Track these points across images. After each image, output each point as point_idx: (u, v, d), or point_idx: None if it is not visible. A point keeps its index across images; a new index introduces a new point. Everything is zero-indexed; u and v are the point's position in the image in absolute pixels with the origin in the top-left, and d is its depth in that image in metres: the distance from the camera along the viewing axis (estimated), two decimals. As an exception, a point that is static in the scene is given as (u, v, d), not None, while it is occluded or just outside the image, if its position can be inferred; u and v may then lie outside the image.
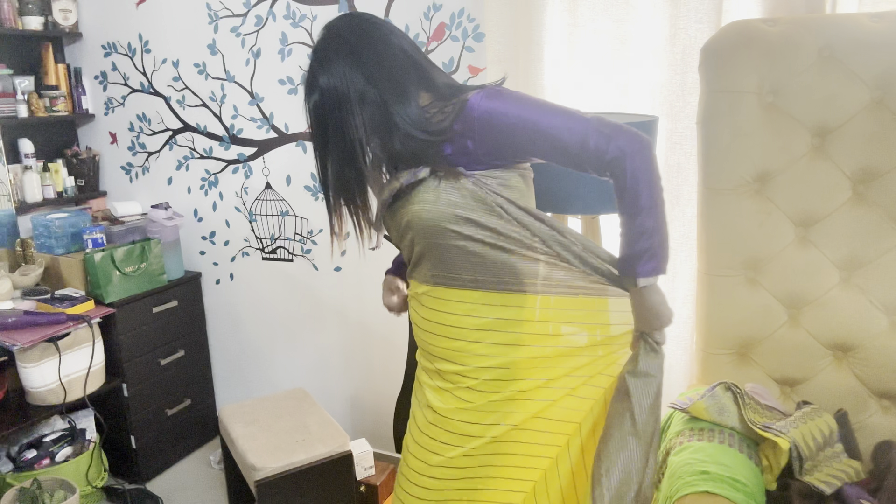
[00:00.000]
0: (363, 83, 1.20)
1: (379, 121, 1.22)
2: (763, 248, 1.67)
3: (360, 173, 1.24)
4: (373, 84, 1.20)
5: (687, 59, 1.78)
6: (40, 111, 2.70)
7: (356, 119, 1.21)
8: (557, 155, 1.20)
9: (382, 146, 1.25)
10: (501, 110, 1.18)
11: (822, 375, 1.65)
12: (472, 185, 1.21)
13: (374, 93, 1.20)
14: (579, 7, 1.91)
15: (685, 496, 1.31)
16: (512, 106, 1.19)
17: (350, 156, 1.22)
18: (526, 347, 1.28)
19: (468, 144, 1.20)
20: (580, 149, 1.17)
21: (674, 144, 1.86)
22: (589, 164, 1.19)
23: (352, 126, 1.21)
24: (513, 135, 1.19)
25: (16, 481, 2.08)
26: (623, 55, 1.90)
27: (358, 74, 1.20)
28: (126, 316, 2.46)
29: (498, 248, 1.23)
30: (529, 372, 1.28)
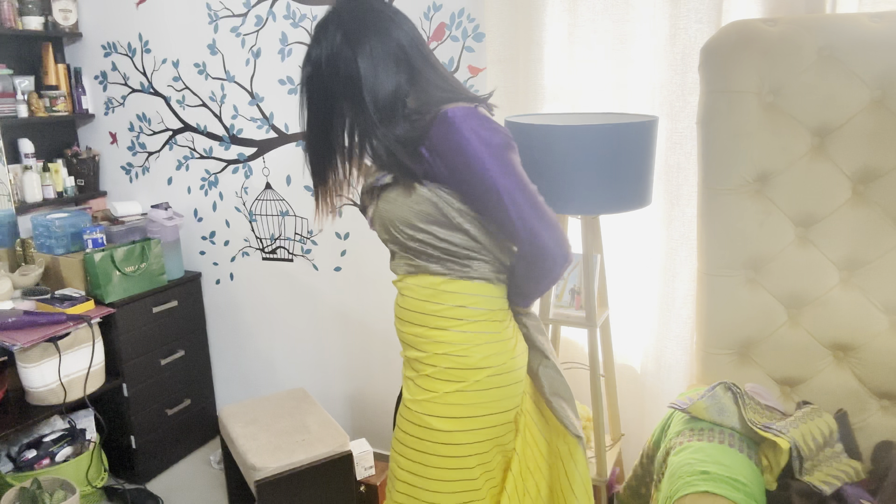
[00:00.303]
0: (350, 70, 1.22)
1: (358, 113, 1.25)
2: (763, 248, 1.67)
3: (331, 152, 1.30)
4: (358, 75, 1.22)
5: (687, 59, 1.78)
6: (40, 111, 2.70)
7: (338, 103, 1.26)
8: (490, 219, 1.25)
9: (360, 137, 1.28)
10: (464, 135, 1.18)
11: (822, 375, 1.65)
12: (428, 192, 1.24)
13: (357, 85, 1.22)
14: (579, 7, 1.91)
15: (685, 496, 1.32)
16: (476, 138, 1.18)
17: (325, 133, 1.28)
18: (484, 335, 1.30)
19: (431, 157, 1.22)
20: (512, 228, 1.21)
21: (674, 144, 1.86)
22: (510, 239, 1.26)
23: (332, 107, 1.26)
24: (464, 169, 1.20)
25: (16, 481, 2.08)
26: (623, 55, 1.90)
27: (348, 59, 1.22)
28: (126, 316, 2.46)
29: (452, 252, 1.28)
30: (487, 360, 1.29)
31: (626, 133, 1.56)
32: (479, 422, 1.30)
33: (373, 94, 1.23)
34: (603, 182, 1.57)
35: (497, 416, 1.32)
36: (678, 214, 1.89)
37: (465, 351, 1.29)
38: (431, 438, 1.31)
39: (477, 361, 1.29)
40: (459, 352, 1.29)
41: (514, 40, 2.01)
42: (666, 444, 1.56)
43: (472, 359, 1.29)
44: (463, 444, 1.30)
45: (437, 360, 1.31)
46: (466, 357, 1.29)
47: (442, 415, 1.30)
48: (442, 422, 1.29)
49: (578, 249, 1.92)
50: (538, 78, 2.00)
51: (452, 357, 1.29)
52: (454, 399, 1.29)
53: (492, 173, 1.18)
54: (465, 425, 1.30)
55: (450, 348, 1.29)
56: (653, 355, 2.02)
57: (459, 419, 1.30)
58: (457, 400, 1.29)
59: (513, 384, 1.33)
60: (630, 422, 2.11)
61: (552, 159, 1.56)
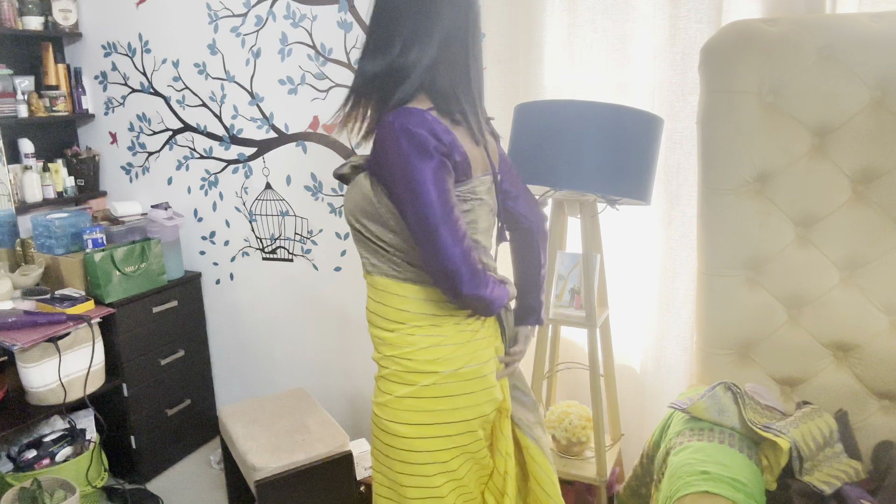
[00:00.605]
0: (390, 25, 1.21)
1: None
2: (763, 248, 1.67)
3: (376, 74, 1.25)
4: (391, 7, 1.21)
5: (687, 59, 1.78)
6: (40, 111, 2.70)
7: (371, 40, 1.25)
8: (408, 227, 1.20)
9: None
10: (387, 139, 1.17)
11: (822, 375, 1.65)
12: (369, 185, 1.24)
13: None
14: (579, 7, 1.91)
15: (685, 496, 1.31)
16: (394, 147, 1.16)
17: (376, 52, 1.24)
18: (428, 338, 1.28)
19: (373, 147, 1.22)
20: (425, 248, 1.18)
21: (674, 144, 1.86)
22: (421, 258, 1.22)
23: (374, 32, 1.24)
24: (387, 174, 1.19)
25: (16, 481, 2.08)
26: (623, 55, 1.90)
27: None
28: (126, 316, 2.46)
29: (388, 252, 1.28)
30: (433, 364, 1.28)
31: (633, 117, 1.58)
32: (435, 429, 1.28)
33: (382, 28, 1.22)
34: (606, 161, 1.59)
35: (456, 424, 1.29)
36: (678, 214, 1.89)
37: (409, 354, 1.28)
38: (392, 443, 1.31)
39: (421, 365, 1.27)
40: (404, 355, 1.28)
41: (514, 40, 2.01)
42: (666, 444, 1.55)
43: (416, 362, 1.27)
44: (421, 451, 1.28)
45: (388, 362, 1.31)
46: (410, 360, 1.28)
47: (398, 420, 1.29)
48: (399, 427, 1.29)
49: (578, 249, 1.92)
50: (538, 78, 2.00)
51: (399, 360, 1.29)
52: (408, 404, 1.28)
53: (397, 179, 1.16)
54: (421, 432, 1.28)
55: (396, 351, 1.29)
56: (653, 355, 2.02)
57: (415, 425, 1.28)
58: (410, 406, 1.28)
59: (473, 392, 1.29)
60: (630, 422, 2.11)
61: (560, 132, 1.58)
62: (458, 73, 1.23)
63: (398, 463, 1.31)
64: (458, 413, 1.29)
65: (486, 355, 1.32)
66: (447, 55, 1.21)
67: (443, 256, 1.16)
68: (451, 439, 1.29)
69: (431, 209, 1.14)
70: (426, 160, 1.14)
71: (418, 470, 1.29)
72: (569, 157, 1.59)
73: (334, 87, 2.36)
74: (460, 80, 1.23)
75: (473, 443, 1.32)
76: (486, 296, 1.21)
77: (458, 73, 1.23)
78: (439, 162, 1.16)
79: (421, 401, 1.28)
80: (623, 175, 1.60)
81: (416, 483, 1.30)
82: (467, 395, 1.29)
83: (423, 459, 1.29)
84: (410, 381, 1.28)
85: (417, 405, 1.28)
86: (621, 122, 1.57)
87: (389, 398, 1.30)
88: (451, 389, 1.28)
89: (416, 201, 1.15)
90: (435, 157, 1.15)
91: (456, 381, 1.28)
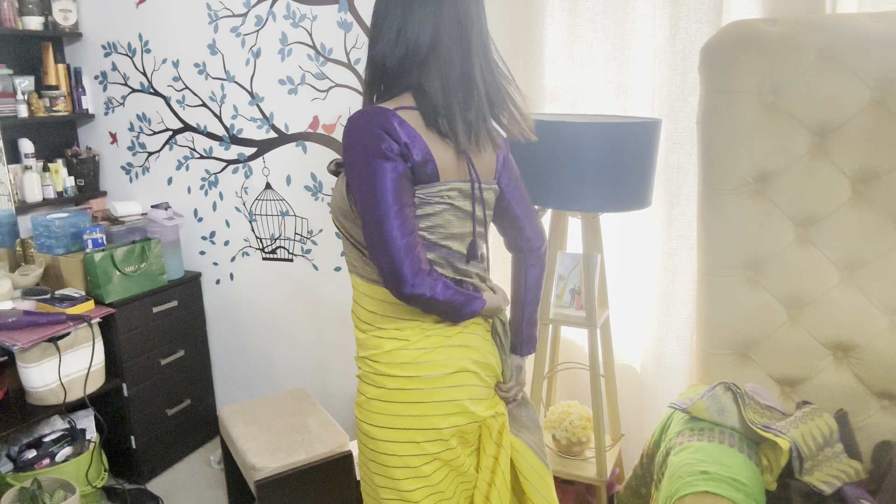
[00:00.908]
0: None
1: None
2: (763, 248, 1.67)
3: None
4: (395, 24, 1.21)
5: (687, 59, 1.78)
6: (40, 111, 2.70)
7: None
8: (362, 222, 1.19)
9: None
10: (347, 134, 1.19)
11: (822, 375, 1.65)
12: (342, 181, 1.26)
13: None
14: (579, 7, 1.91)
15: (685, 496, 1.31)
16: (349, 137, 1.18)
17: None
18: (392, 341, 1.28)
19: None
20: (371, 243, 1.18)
21: (674, 144, 1.86)
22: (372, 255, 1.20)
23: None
24: (347, 168, 1.20)
25: (16, 481, 2.08)
26: (623, 55, 1.90)
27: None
28: (126, 316, 2.46)
29: (360, 250, 1.29)
30: (396, 368, 1.27)
31: (628, 132, 1.56)
32: (403, 434, 1.27)
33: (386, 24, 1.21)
34: (604, 180, 1.58)
35: (425, 431, 1.26)
36: (678, 214, 1.89)
37: (375, 356, 1.28)
38: (366, 444, 1.32)
39: (386, 368, 1.27)
40: (372, 357, 1.29)
41: (514, 40, 2.01)
42: (666, 444, 1.55)
43: (381, 364, 1.28)
44: (391, 454, 1.28)
45: (361, 363, 1.32)
46: (377, 363, 1.28)
47: (370, 421, 1.30)
48: (371, 428, 1.29)
49: (578, 249, 1.92)
50: (538, 78, 2.00)
51: (368, 361, 1.30)
52: (377, 407, 1.28)
53: (353, 172, 1.17)
54: (390, 436, 1.27)
55: (366, 352, 1.30)
56: (653, 355, 2.02)
57: (385, 428, 1.28)
58: (379, 408, 1.28)
59: (441, 402, 1.26)
60: (630, 422, 2.11)
61: (555, 155, 1.57)
62: (453, 77, 1.19)
63: (371, 463, 1.32)
64: (427, 420, 1.26)
65: (458, 364, 1.28)
66: (438, 57, 1.19)
67: (385, 251, 1.15)
68: (419, 446, 1.27)
69: (378, 202, 1.14)
70: (379, 157, 1.15)
71: (389, 472, 1.29)
72: (565, 182, 1.58)
73: (334, 87, 2.36)
74: (455, 85, 1.20)
75: (446, 451, 1.29)
76: (432, 296, 1.18)
77: (453, 76, 1.19)
78: (393, 160, 1.15)
79: (389, 405, 1.27)
80: (622, 192, 1.60)
81: (387, 484, 1.30)
82: (436, 404, 1.26)
83: (394, 463, 1.28)
84: (379, 384, 1.28)
85: (386, 408, 1.27)
86: (617, 139, 1.55)
87: (363, 399, 1.31)
88: (417, 396, 1.26)
89: (366, 194, 1.15)
90: (389, 155, 1.15)
91: (423, 387, 1.26)
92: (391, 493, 1.30)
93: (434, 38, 1.18)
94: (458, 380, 1.28)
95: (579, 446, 1.91)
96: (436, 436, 1.27)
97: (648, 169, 1.65)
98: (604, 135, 1.54)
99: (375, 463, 1.30)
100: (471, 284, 1.31)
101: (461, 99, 1.20)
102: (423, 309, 1.23)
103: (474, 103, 1.22)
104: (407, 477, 1.28)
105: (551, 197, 1.62)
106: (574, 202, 1.60)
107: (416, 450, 1.27)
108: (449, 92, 1.19)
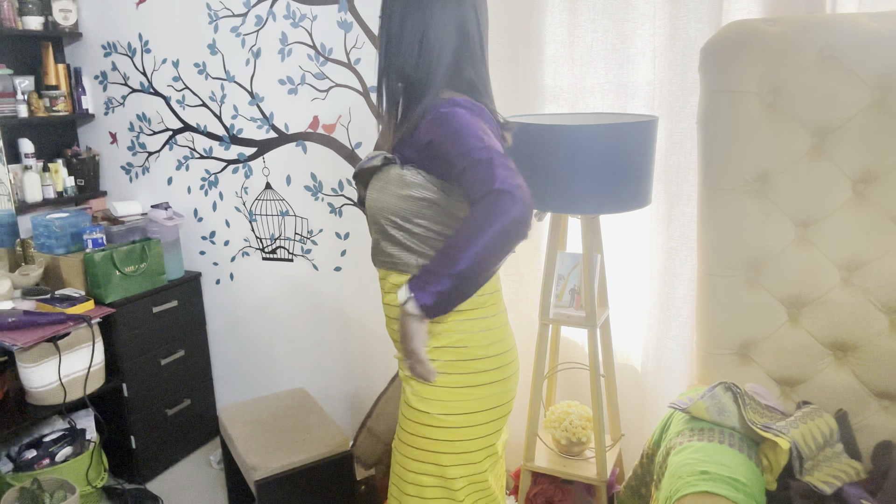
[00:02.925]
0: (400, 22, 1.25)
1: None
2: (763, 248, 1.67)
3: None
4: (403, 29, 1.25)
5: (687, 59, 1.78)
6: (40, 111, 2.70)
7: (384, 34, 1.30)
8: (449, 166, 1.17)
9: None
10: (448, 117, 1.19)
11: (822, 375, 1.65)
12: (410, 177, 1.25)
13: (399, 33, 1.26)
14: (579, 7, 1.91)
15: (685, 496, 1.31)
16: (455, 119, 1.19)
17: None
18: (479, 321, 1.32)
19: (420, 137, 1.23)
20: (465, 170, 1.11)
21: (674, 144, 1.86)
22: (467, 189, 1.12)
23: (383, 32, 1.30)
24: (443, 143, 1.19)
25: (16, 481, 2.08)
26: (623, 55, 1.90)
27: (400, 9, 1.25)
28: (126, 316, 2.46)
29: (423, 239, 1.28)
30: (483, 349, 1.32)
31: (626, 133, 1.56)
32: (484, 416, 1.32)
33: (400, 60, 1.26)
34: (603, 182, 1.57)
35: (502, 407, 1.35)
36: (678, 214, 1.89)
37: (461, 341, 1.30)
38: (438, 436, 1.34)
39: (473, 351, 1.32)
40: (455, 343, 1.31)
41: (514, 40, 2.01)
42: (666, 444, 1.55)
43: (468, 349, 1.31)
44: (472, 439, 1.33)
45: (438, 353, 1.31)
46: (464, 348, 1.31)
47: (449, 411, 1.32)
48: (450, 418, 1.33)
49: (578, 249, 1.92)
50: (538, 78, 2.00)
51: (449, 349, 1.31)
52: (462, 394, 1.32)
53: (455, 138, 1.18)
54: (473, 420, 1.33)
55: (442, 341, 1.31)
56: (653, 355, 2.02)
57: (467, 414, 1.32)
58: (464, 395, 1.32)
59: (510, 376, 1.37)
60: (630, 422, 2.11)
61: (553, 159, 1.56)
62: (482, 73, 1.30)
63: (445, 456, 1.33)
64: (507, 395, 1.37)
65: (512, 339, 1.39)
66: (469, 54, 1.27)
67: (492, 165, 1.08)
68: (497, 423, 1.36)
69: (484, 142, 1.11)
70: (483, 118, 1.20)
71: (468, 458, 1.34)
72: (564, 184, 1.57)
73: (334, 87, 2.36)
74: (481, 74, 1.30)
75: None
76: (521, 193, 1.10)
77: (479, 66, 1.29)
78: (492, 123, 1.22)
79: (475, 389, 1.33)
80: (621, 192, 1.60)
81: (465, 472, 1.34)
82: (509, 379, 1.37)
83: (474, 447, 1.34)
84: (465, 370, 1.32)
85: (473, 393, 1.32)
86: (615, 141, 1.54)
87: (441, 390, 1.32)
88: (499, 374, 1.34)
89: (472, 138, 1.12)
90: (487, 118, 1.21)
91: (504, 363, 1.35)
92: (469, 480, 1.33)
93: (462, 36, 1.25)
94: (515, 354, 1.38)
95: (579, 446, 1.91)
96: (510, 407, 1.37)
97: (647, 167, 1.65)
98: (601, 137, 1.54)
99: (451, 454, 1.30)
100: None
101: (486, 86, 1.31)
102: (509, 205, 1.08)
103: (490, 89, 1.33)
104: (484, 458, 1.34)
105: (551, 200, 1.62)
106: (573, 204, 1.60)
107: (493, 427, 1.33)
108: (479, 81, 1.29)
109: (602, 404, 1.81)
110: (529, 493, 1.97)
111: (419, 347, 1.21)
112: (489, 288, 1.31)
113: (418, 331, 1.19)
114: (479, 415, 1.30)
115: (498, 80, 2.04)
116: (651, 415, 2.04)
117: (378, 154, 1.30)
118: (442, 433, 1.30)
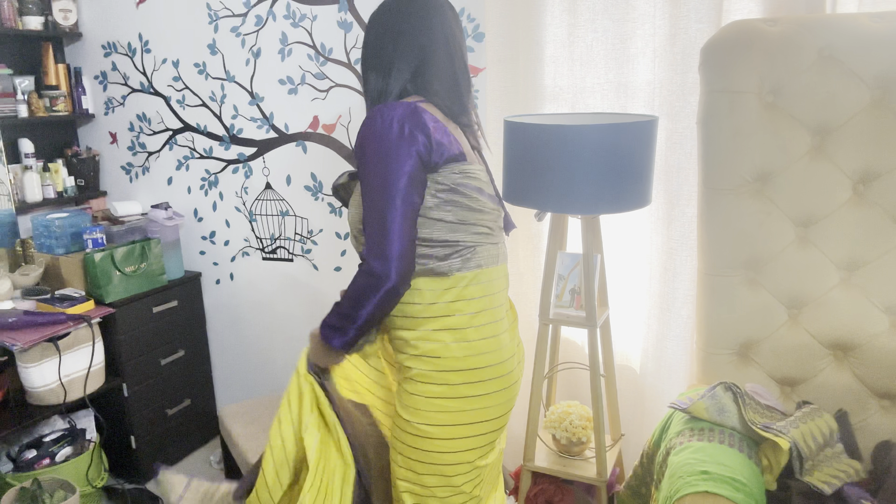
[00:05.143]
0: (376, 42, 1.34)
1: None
2: (763, 248, 1.67)
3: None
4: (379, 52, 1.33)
5: (687, 59, 1.78)
6: (40, 111, 2.70)
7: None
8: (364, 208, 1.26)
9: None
10: (366, 124, 1.25)
11: (822, 375, 1.65)
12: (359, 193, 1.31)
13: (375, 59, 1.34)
14: (579, 7, 1.91)
15: (685, 496, 1.31)
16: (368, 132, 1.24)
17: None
18: (450, 332, 1.35)
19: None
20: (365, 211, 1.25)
21: (674, 144, 1.86)
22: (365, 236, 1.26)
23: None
24: (364, 155, 1.25)
25: (16, 481, 2.08)
26: (623, 55, 1.90)
27: (376, 32, 1.34)
28: (126, 316, 2.46)
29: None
30: (458, 362, 1.35)
31: (626, 133, 1.56)
32: (466, 429, 1.33)
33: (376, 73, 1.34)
34: (603, 182, 1.57)
35: (489, 422, 1.36)
36: (678, 214, 1.89)
37: (434, 351, 1.32)
38: (421, 446, 1.35)
39: (448, 363, 1.33)
40: (430, 352, 1.33)
41: (514, 40, 2.01)
42: (666, 444, 1.55)
43: (443, 360, 1.32)
44: (448, 452, 1.34)
45: (414, 361, 1.34)
46: (438, 358, 1.32)
47: (428, 422, 1.33)
48: (430, 429, 1.34)
49: (578, 249, 1.92)
50: (538, 78, 2.00)
51: (425, 359, 1.33)
52: (439, 405, 1.33)
53: (370, 156, 1.25)
54: (453, 433, 1.34)
55: (418, 350, 1.34)
56: (653, 355, 2.02)
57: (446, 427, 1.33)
58: (441, 406, 1.34)
59: (502, 389, 1.37)
60: (630, 422, 2.11)
61: (553, 159, 1.56)
62: (446, 78, 1.33)
63: (430, 465, 1.35)
64: (494, 410, 1.36)
65: (510, 349, 1.39)
66: (432, 62, 1.31)
67: (387, 231, 1.21)
68: (482, 437, 1.36)
69: (394, 179, 1.20)
70: (402, 140, 1.21)
71: (442, 470, 1.35)
72: (563, 185, 1.57)
73: (334, 87, 2.36)
74: (448, 85, 1.33)
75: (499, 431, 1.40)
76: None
77: (446, 77, 1.33)
78: (416, 148, 1.21)
79: (452, 401, 1.34)
80: (621, 192, 1.59)
81: (441, 483, 1.37)
82: (503, 392, 1.37)
83: (451, 460, 1.34)
84: (442, 381, 1.33)
85: (449, 405, 1.34)
86: (615, 141, 1.54)
87: (420, 400, 1.34)
88: (483, 388, 1.34)
89: (384, 170, 1.20)
90: (415, 139, 1.21)
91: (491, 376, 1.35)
92: (445, 492, 1.35)
93: (423, 61, 1.30)
94: (513, 364, 1.37)
95: (579, 446, 1.91)
96: (499, 424, 1.35)
97: (647, 167, 1.64)
98: (601, 137, 1.54)
99: (426, 464, 1.32)
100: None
101: (456, 97, 1.35)
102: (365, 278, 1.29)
103: (465, 102, 1.37)
104: (459, 474, 1.34)
105: (551, 200, 1.61)
106: (573, 204, 1.60)
107: (476, 443, 1.32)
108: (449, 94, 1.34)
109: (602, 404, 1.81)
110: (529, 493, 1.97)
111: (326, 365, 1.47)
112: (462, 295, 1.29)
113: (329, 357, 1.46)
114: (456, 428, 1.28)
115: (498, 80, 2.04)
116: (651, 415, 2.04)
117: (344, 172, 1.40)
118: (419, 442, 1.31)
